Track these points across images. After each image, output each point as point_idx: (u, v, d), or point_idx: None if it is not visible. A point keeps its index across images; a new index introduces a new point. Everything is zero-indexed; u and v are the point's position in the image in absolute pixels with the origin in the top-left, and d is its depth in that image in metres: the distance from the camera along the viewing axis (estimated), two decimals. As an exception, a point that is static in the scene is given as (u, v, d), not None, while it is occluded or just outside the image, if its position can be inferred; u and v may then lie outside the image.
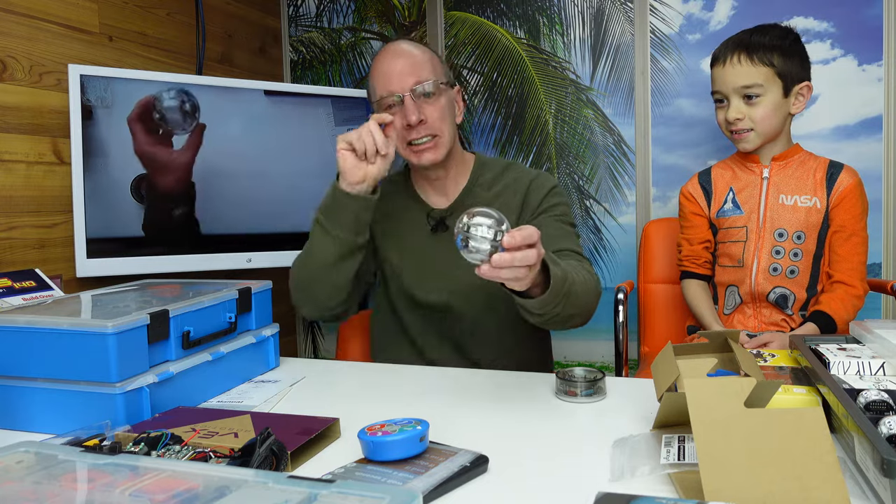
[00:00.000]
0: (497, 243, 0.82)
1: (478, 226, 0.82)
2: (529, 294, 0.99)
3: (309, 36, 2.52)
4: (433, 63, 1.33)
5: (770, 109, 1.48)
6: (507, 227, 0.83)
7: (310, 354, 2.62)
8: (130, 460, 0.64)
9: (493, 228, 0.82)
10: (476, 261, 0.83)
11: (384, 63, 1.31)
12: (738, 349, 0.92)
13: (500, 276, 0.84)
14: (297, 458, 0.80)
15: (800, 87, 1.49)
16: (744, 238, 1.54)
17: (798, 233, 1.50)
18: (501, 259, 0.81)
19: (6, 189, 1.52)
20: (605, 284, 2.23)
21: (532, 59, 2.26)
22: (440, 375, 1.18)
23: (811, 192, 1.50)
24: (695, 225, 1.62)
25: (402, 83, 1.28)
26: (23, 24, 1.55)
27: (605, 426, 0.89)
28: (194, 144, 1.79)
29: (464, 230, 0.83)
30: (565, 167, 2.25)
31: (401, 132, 1.30)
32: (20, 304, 1.23)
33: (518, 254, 0.83)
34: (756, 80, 1.47)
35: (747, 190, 1.55)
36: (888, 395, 0.75)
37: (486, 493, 0.72)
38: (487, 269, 0.83)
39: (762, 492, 0.61)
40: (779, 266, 1.50)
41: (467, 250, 0.83)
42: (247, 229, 1.90)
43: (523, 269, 0.85)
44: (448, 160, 1.36)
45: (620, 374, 1.72)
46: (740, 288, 1.55)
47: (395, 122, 1.29)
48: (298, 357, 1.37)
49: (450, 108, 1.34)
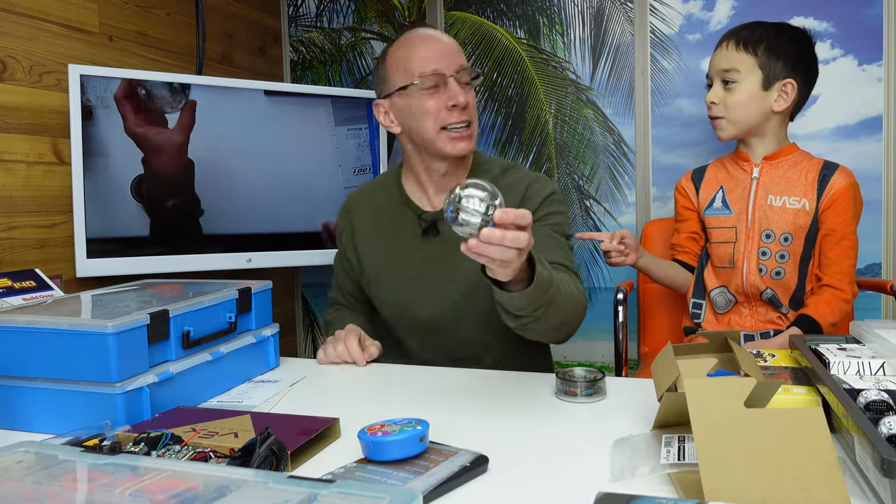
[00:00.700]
0: (488, 218, 0.79)
1: (470, 197, 0.79)
2: (510, 290, 0.95)
3: (309, 36, 2.52)
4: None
5: (744, 97, 1.48)
6: (501, 203, 0.80)
7: (310, 354, 2.62)
8: (130, 460, 0.64)
9: (486, 202, 0.79)
10: (465, 234, 0.80)
11: (423, 44, 1.27)
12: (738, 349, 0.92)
13: (489, 253, 0.80)
14: (297, 458, 0.79)
15: (782, 83, 1.48)
16: (733, 239, 1.54)
17: (785, 234, 1.49)
18: (492, 235, 0.78)
19: (6, 189, 1.52)
20: (605, 284, 2.24)
21: (532, 59, 2.26)
22: (440, 375, 1.18)
23: (801, 194, 1.49)
24: (686, 218, 1.67)
25: (448, 64, 1.24)
26: (23, 24, 1.55)
27: (605, 426, 0.89)
28: (187, 123, 1.78)
29: (455, 201, 0.79)
30: (565, 167, 2.25)
31: (438, 114, 1.24)
32: (20, 304, 1.23)
33: (509, 233, 0.79)
34: (734, 66, 1.49)
35: (737, 190, 1.56)
36: (888, 395, 0.75)
37: (486, 493, 0.72)
38: (475, 244, 0.79)
39: (762, 492, 0.61)
40: (764, 267, 1.51)
41: (457, 223, 0.79)
42: (247, 229, 1.90)
43: (512, 251, 0.81)
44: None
45: (620, 374, 1.72)
46: (730, 287, 1.55)
47: (429, 104, 1.24)
48: (298, 357, 1.37)
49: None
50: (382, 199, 1.41)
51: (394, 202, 1.39)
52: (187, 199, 1.80)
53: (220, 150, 1.83)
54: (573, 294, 1.08)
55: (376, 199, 1.42)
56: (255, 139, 1.89)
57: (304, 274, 2.62)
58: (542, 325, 1.02)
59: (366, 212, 1.42)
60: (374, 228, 1.40)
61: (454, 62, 1.25)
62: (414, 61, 1.25)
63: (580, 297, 1.13)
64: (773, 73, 1.47)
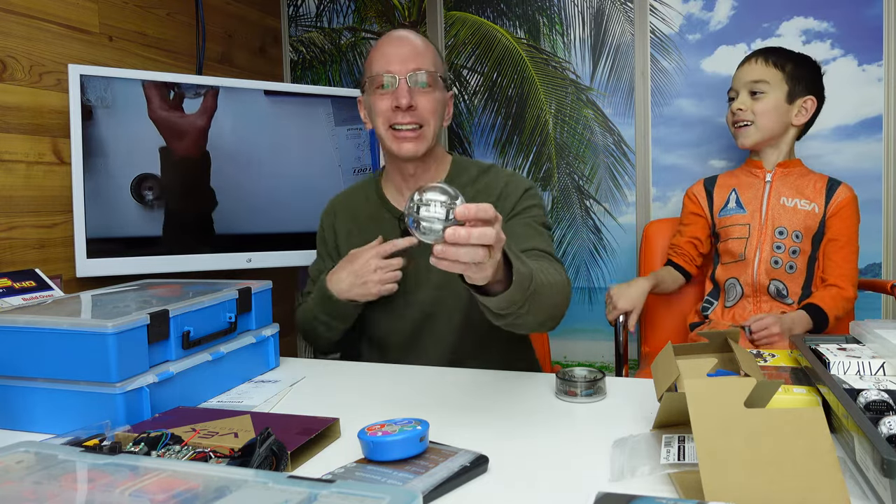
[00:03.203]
0: (451, 222, 0.75)
1: (429, 202, 0.75)
2: (491, 292, 0.92)
3: (309, 36, 2.52)
4: (435, 58, 1.31)
5: (771, 106, 1.60)
6: (463, 203, 0.76)
7: (310, 354, 2.62)
8: (130, 460, 0.64)
9: (446, 206, 0.75)
10: (430, 241, 0.77)
11: (388, 45, 1.30)
12: (738, 349, 0.92)
13: (458, 256, 0.76)
14: (297, 458, 0.79)
15: (804, 99, 1.61)
16: (745, 235, 1.63)
17: (797, 232, 1.60)
18: (456, 234, 0.74)
19: (6, 189, 1.52)
20: (605, 284, 2.24)
21: (532, 59, 2.26)
22: (440, 375, 1.17)
23: (811, 198, 1.61)
24: (690, 223, 1.75)
25: (402, 66, 1.26)
26: (23, 24, 1.55)
27: (605, 426, 0.89)
28: (209, 108, 1.80)
29: (413, 210, 0.75)
30: (565, 167, 2.25)
31: (387, 114, 1.27)
32: (20, 304, 1.23)
33: (475, 230, 0.75)
34: (764, 78, 1.60)
35: (750, 191, 1.66)
36: (888, 395, 0.75)
37: (486, 493, 0.72)
38: (441, 249, 0.76)
39: (762, 492, 0.61)
40: (780, 259, 1.60)
41: (420, 230, 0.76)
42: (247, 229, 1.90)
43: (482, 250, 0.77)
44: (427, 157, 1.32)
45: (620, 374, 1.72)
46: (741, 279, 1.64)
47: (380, 104, 1.27)
48: (298, 357, 1.37)
49: (441, 106, 1.31)
50: (363, 201, 1.42)
51: (374, 204, 1.41)
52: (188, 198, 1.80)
53: (221, 151, 1.83)
54: (557, 282, 1.08)
55: (357, 202, 1.43)
56: (254, 139, 1.89)
57: (304, 274, 2.62)
58: (530, 318, 1.00)
59: (347, 214, 1.43)
60: (356, 232, 1.40)
61: (407, 66, 1.26)
62: (375, 61, 1.29)
63: (564, 283, 1.13)
64: (797, 90, 1.61)
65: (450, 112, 1.38)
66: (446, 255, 0.76)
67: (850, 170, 1.95)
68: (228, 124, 1.85)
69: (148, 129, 1.72)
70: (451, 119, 1.40)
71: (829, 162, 1.97)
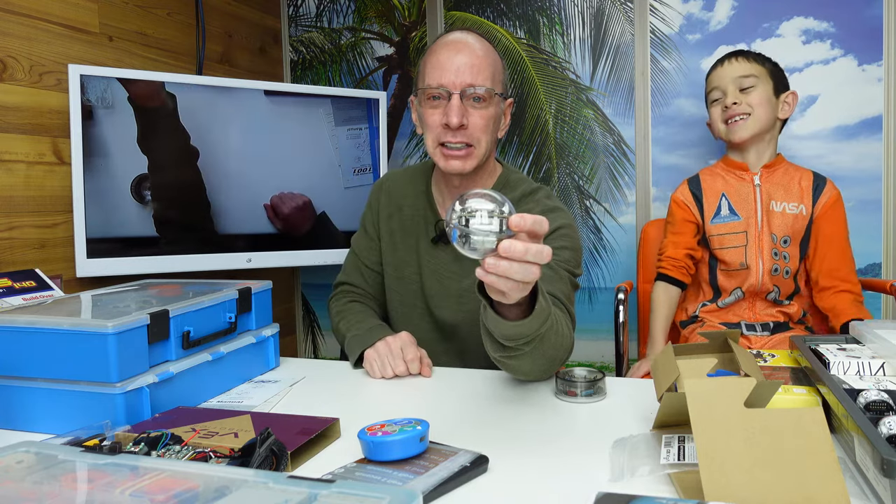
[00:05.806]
0: (504, 234, 0.67)
1: (475, 213, 0.66)
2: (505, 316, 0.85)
3: (309, 36, 2.52)
4: (495, 69, 1.22)
5: (764, 98, 1.61)
6: (512, 210, 0.68)
7: (310, 354, 2.63)
8: (130, 460, 0.64)
9: (496, 215, 0.66)
10: (477, 257, 0.68)
11: (444, 50, 1.20)
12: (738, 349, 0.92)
13: (510, 273, 0.68)
14: (297, 458, 0.79)
15: (786, 94, 1.63)
16: (743, 243, 1.61)
17: (785, 237, 1.60)
18: (513, 248, 0.65)
19: (6, 189, 1.52)
20: (605, 284, 2.24)
21: (532, 59, 2.26)
22: (440, 375, 1.18)
23: (798, 200, 1.61)
24: (683, 231, 1.69)
25: (456, 79, 1.17)
26: (23, 24, 1.55)
27: (605, 426, 0.89)
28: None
29: (461, 223, 0.67)
30: (565, 167, 2.25)
31: (436, 129, 1.20)
32: (20, 304, 1.23)
33: (532, 246, 0.67)
34: (751, 72, 1.61)
35: (740, 196, 1.64)
36: (888, 395, 0.75)
37: (486, 493, 0.72)
38: (494, 264, 0.67)
39: (762, 492, 0.61)
40: (778, 267, 1.60)
41: (469, 246, 0.67)
42: (247, 229, 1.90)
43: (535, 268, 0.69)
44: (475, 171, 1.26)
45: (620, 374, 1.72)
46: (744, 286, 1.63)
47: (431, 118, 1.20)
48: (298, 357, 1.37)
49: (495, 120, 1.23)
50: (412, 192, 1.37)
51: (420, 200, 1.36)
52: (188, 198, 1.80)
53: (221, 151, 1.83)
54: (564, 335, 1.00)
55: (406, 190, 1.38)
56: (255, 139, 1.89)
57: (304, 274, 2.62)
58: (525, 362, 0.96)
59: (393, 198, 1.39)
60: (396, 220, 1.37)
61: (462, 80, 1.18)
62: (429, 69, 1.21)
63: (569, 339, 1.04)
64: (780, 86, 1.63)
65: (507, 121, 1.30)
66: (497, 270, 0.68)
67: (850, 170, 1.96)
68: (229, 124, 1.85)
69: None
70: (507, 128, 1.32)
71: (829, 162, 1.97)
